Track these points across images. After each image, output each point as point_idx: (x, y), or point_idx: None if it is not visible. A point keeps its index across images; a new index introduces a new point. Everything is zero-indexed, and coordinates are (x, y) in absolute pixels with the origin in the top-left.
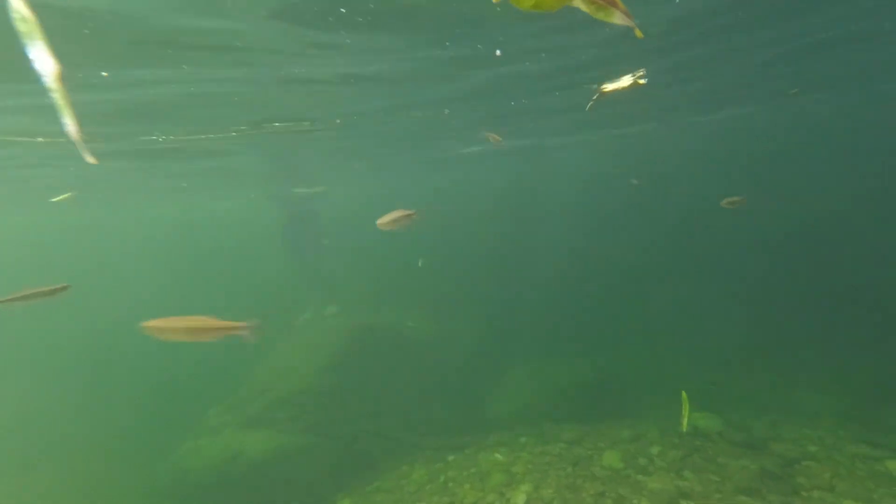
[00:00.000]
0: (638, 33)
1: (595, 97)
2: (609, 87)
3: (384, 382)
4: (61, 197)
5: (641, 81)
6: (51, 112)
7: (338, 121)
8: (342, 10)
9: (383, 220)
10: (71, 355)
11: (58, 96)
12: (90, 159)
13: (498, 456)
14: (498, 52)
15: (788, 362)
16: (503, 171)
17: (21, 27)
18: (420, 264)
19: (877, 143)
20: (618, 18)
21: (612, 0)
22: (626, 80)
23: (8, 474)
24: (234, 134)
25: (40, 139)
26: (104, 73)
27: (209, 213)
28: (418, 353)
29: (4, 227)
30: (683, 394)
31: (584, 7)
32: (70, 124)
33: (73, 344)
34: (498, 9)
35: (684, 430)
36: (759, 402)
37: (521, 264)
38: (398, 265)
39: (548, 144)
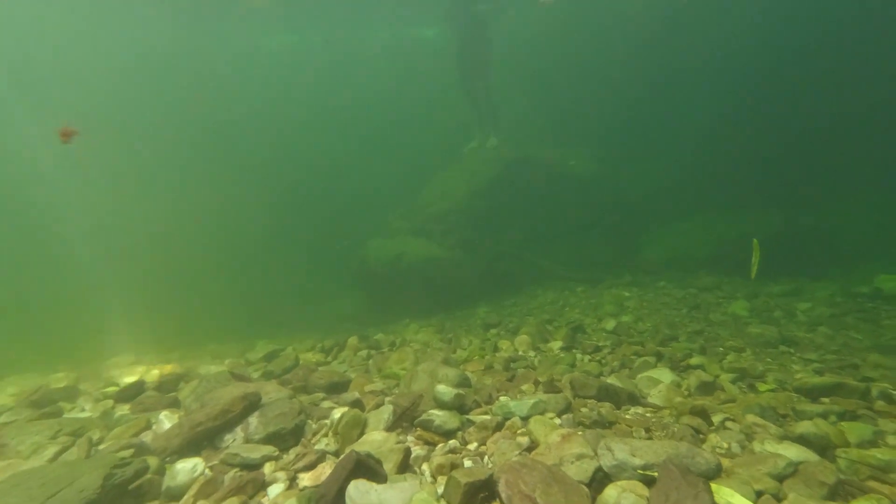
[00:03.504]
0: None
1: None
2: None
3: (535, 214)
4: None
5: None
6: None
7: None
8: None
9: None
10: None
11: None
12: None
13: (625, 293)
14: None
15: None
16: None
17: None
18: None
19: None
20: None
21: None
22: None
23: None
24: None
25: None
26: None
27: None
28: (575, 192)
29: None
30: (755, 241)
31: None
32: None
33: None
34: None
35: (752, 277)
36: None
37: (714, 102)
38: (571, 99)
39: None
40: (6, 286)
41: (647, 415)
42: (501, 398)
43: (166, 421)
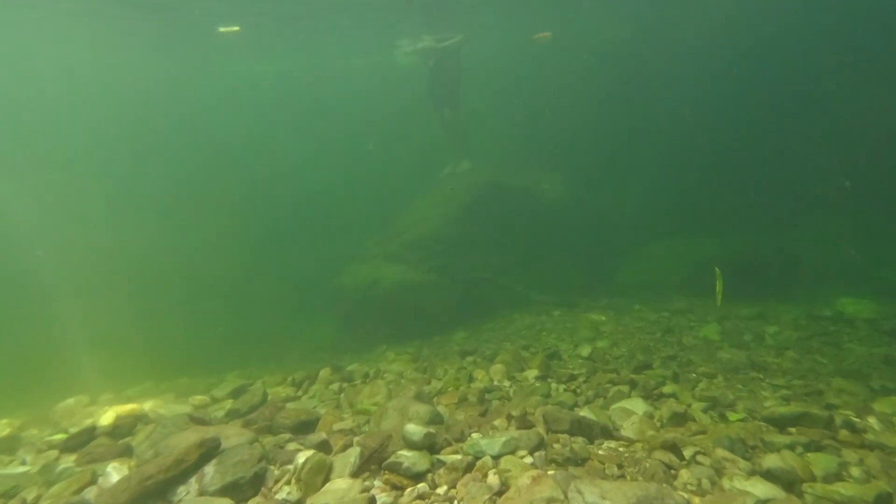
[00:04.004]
0: None
1: None
2: None
3: (510, 239)
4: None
5: None
6: None
7: None
8: None
9: None
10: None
11: None
12: None
13: (601, 317)
14: None
15: None
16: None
17: None
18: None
19: None
20: None
21: None
22: None
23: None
24: None
25: None
26: None
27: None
28: (549, 217)
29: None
30: (717, 269)
31: None
32: None
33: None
34: None
35: (718, 305)
36: None
37: (677, 130)
38: (541, 125)
39: None
40: None
41: (620, 449)
42: (473, 435)
43: (115, 473)
